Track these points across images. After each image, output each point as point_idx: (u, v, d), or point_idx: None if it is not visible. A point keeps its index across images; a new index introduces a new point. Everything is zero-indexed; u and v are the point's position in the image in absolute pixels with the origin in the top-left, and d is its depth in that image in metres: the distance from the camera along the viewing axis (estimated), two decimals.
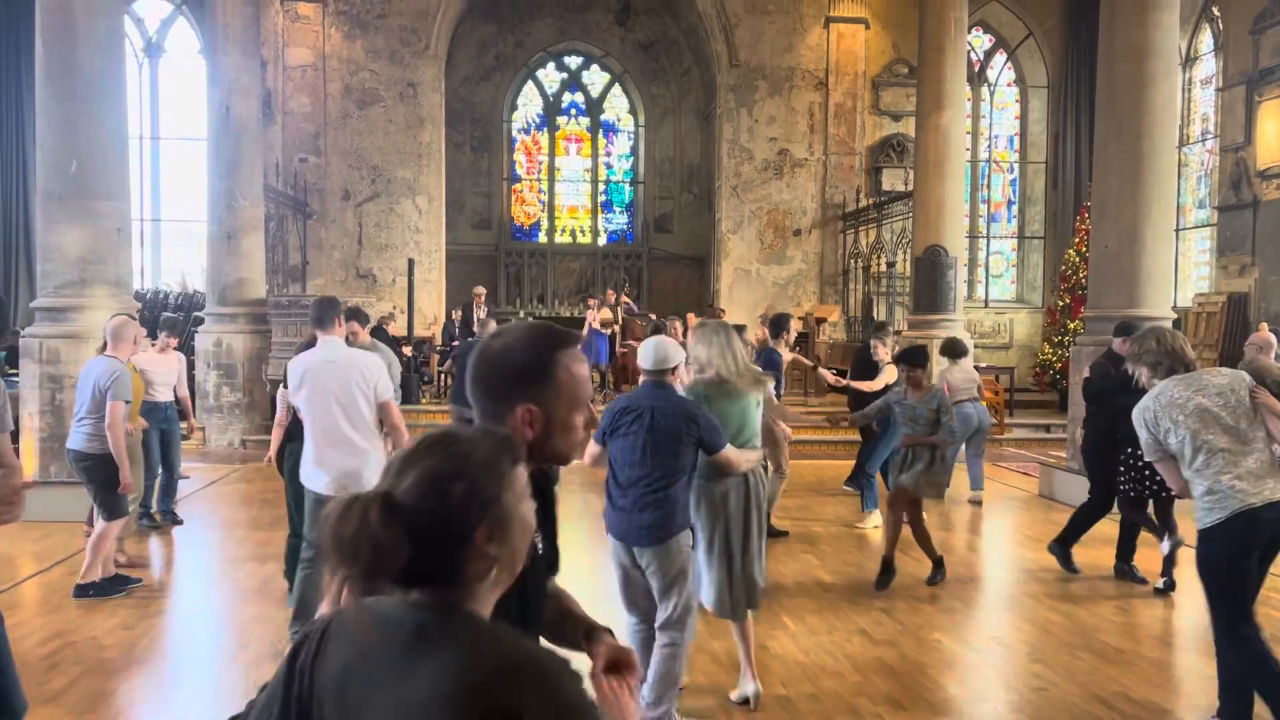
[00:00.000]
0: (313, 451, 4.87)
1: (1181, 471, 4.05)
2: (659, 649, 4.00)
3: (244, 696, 4.48)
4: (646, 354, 4.11)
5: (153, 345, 8.03)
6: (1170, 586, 6.39)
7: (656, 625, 4.03)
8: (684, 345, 4.51)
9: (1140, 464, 6.15)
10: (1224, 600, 4.00)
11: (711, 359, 4.44)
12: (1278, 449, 4.05)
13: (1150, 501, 6.47)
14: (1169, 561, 6.43)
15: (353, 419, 4.83)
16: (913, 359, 6.48)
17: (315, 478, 4.88)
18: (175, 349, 8.15)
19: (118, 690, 4.62)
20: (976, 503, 9.30)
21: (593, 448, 4.16)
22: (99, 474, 5.96)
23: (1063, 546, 6.94)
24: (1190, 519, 4.24)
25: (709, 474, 4.29)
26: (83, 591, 5.96)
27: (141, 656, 5.23)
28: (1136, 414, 4.14)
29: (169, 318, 8.55)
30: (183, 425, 8.42)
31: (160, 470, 7.94)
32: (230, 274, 12.92)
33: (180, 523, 8.11)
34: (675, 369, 4.15)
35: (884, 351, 8.35)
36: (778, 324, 8.21)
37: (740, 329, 5.48)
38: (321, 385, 4.84)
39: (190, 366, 12.63)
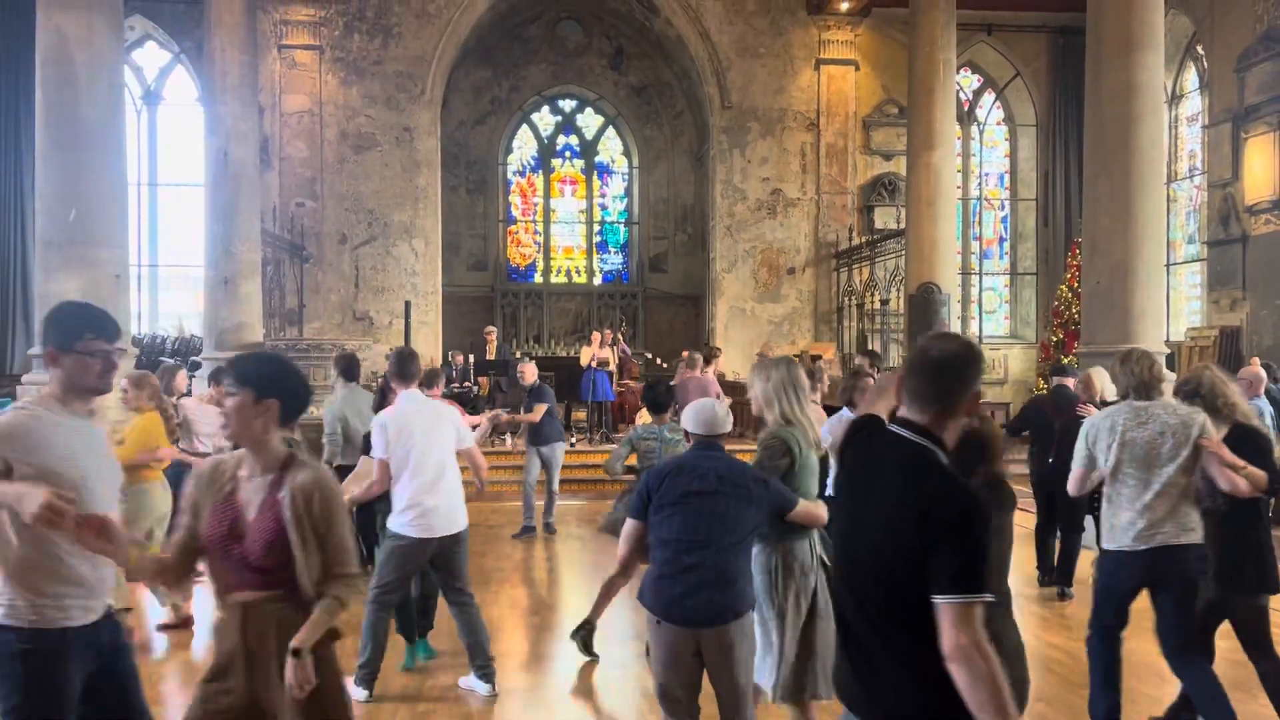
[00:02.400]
0: (411, 498, 4.89)
1: (1102, 487, 4.32)
2: None
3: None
4: (697, 418, 3.71)
5: (194, 391, 7.87)
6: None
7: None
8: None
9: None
10: (1099, 609, 4.41)
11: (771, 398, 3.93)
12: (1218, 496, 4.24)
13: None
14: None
15: (450, 464, 5.05)
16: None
17: (415, 524, 4.90)
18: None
19: None
20: None
21: (630, 527, 3.68)
22: None
23: (1065, 582, 7.19)
24: None
25: (773, 534, 3.79)
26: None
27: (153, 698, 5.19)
28: (1086, 424, 4.41)
29: (221, 367, 8.30)
30: None
31: None
32: (228, 318, 12.97)
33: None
34: (724, 435, 3.74)
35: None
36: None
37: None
38: (426, 435, 4.97)
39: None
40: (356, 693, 4.96)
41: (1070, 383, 7.53)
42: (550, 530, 9.59)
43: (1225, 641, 6.20)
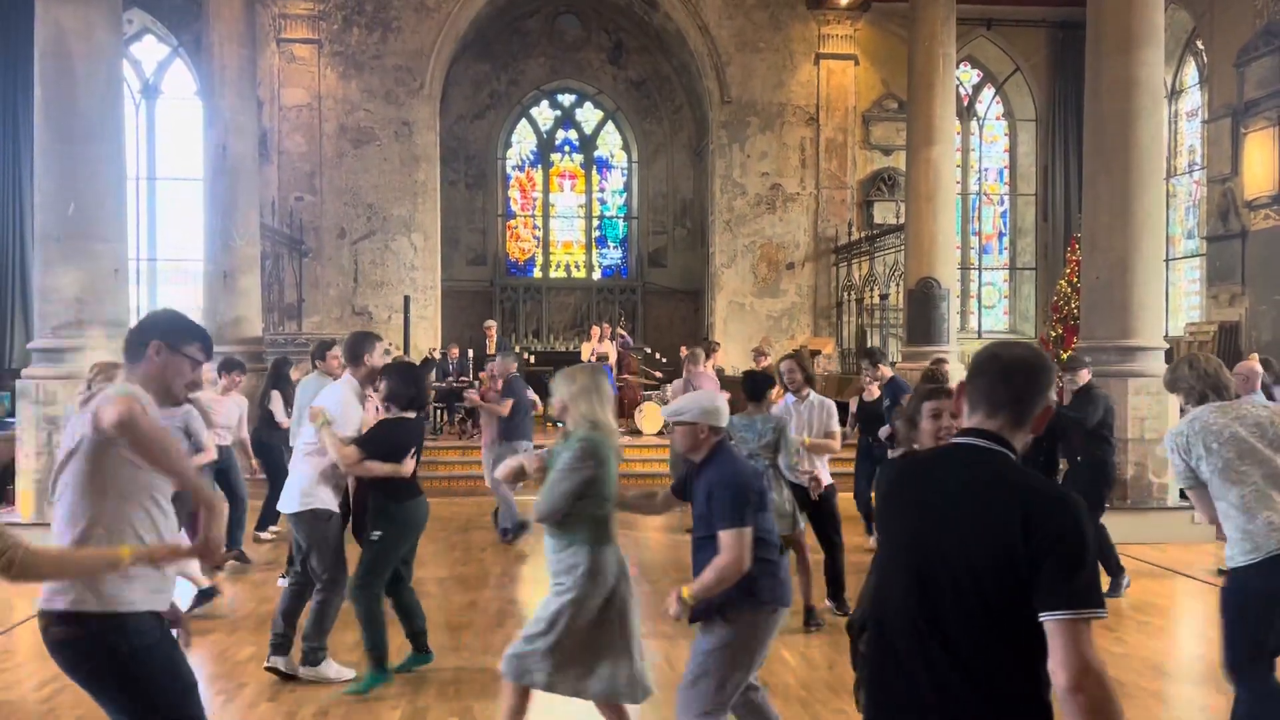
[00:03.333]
0: None
1: (1214, 503, 3.84)
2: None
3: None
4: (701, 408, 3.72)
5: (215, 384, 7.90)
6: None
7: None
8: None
9: None
10: (1235, 644, 3.77)
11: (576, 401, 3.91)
12: None
13: None
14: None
15: (300, 445, 5.45)
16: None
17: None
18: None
19: None
20: None
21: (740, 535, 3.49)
22: None
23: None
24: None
25: (590, 536, 3.78)
26: None
27: None
28: (1169, 439, 3.96)
29: (230, 357, 8.43)
30: (249, 464, 8.24)
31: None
32: (227, 312, 12.97)
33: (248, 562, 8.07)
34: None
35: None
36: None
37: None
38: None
39: None
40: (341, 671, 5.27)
41: (1085, 375, 7.36)
42: (504, 537, 9.08)
43: None
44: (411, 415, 5.19)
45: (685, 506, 3.81)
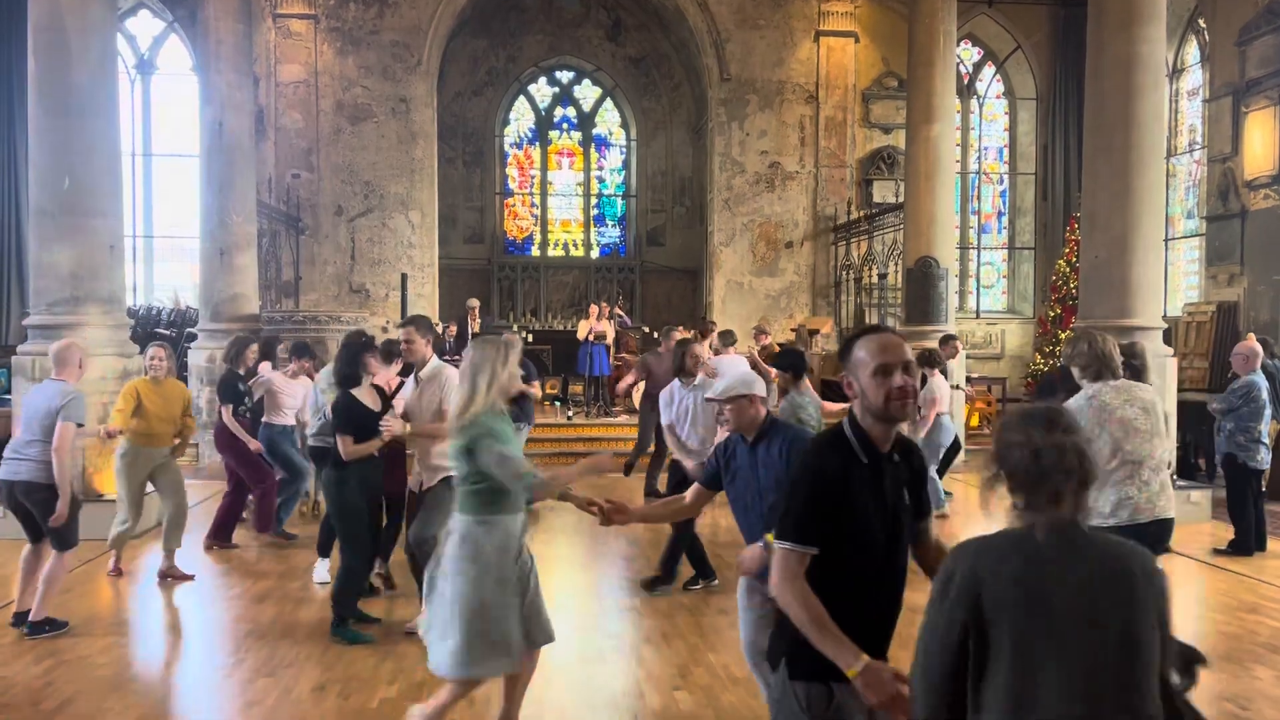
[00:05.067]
0: None
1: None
2: None
3: (239, 713, 4.46)
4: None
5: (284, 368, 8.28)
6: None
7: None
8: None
9: None
10: None
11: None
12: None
13: None
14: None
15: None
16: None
17: None
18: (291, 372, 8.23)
19: (113, 709, 4.60)
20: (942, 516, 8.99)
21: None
22: (54, 505, 5.47)
23: None
24: None
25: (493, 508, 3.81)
26: (38, 630, 5.55)
27: (135, 674, 5.22)
28: (1070, 406, 4.30)
29: (300, 343, 8.59)
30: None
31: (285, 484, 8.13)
32: (223, 290, 12.92)
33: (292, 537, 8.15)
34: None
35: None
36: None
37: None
38: None
39: (183, 383, 12.62)
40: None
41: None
42: None
43: (1220, 615, 6.26)
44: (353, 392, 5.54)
45: (716, 496, 3.82)
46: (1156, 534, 4.31)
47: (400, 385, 6.32)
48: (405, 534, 5.69)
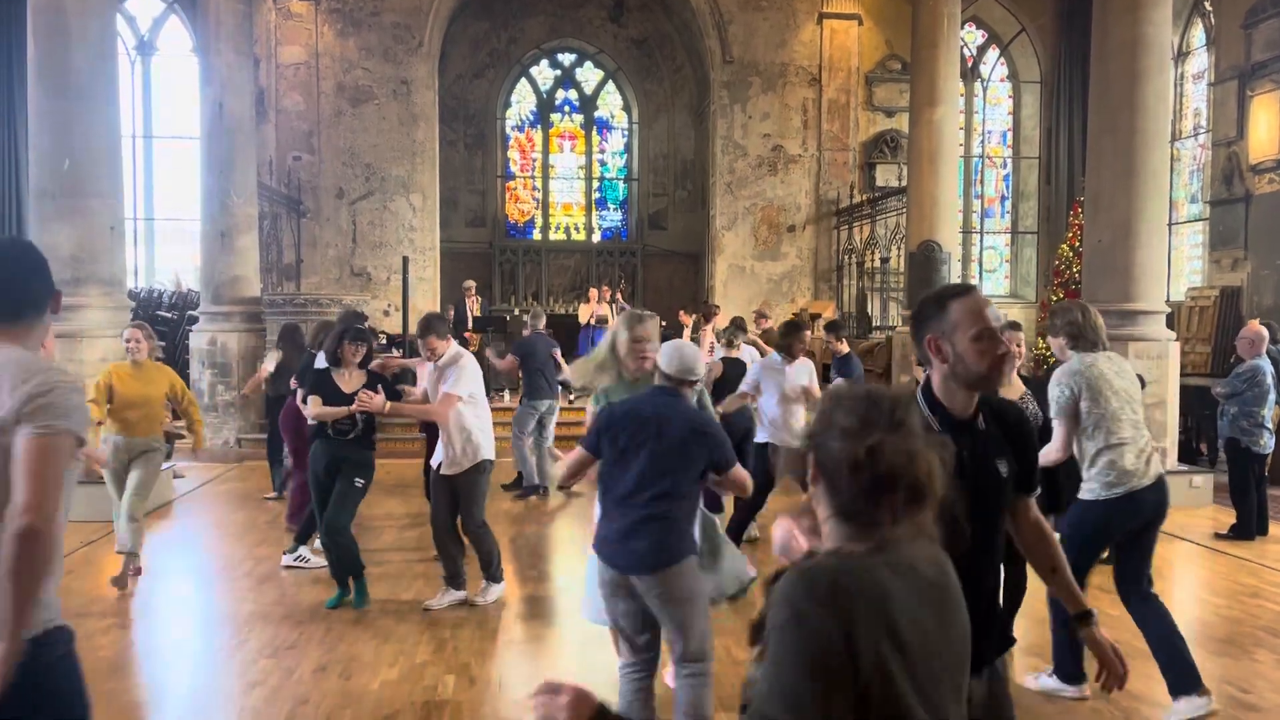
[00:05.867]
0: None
1: (1076, 440, 4.30)
2: (686, 680, 3.57)
3: (241, 694, 4.47)
4: (669, 358, 3.67)
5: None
6: None
7: (677, 659, 3.58)
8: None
9: None
10: (1080, 569, 4.06)
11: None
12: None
13: None
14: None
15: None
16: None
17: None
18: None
19: (115, 691, 4.61)
20: None
21: (576, 454, 3.69)
22: None
23: None
24: None
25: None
26: None
27: (137, 656, 5.23)
28: (1062, 374, 4.33)
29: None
30: None
31: None
32: (224, 272, 12.89)
33: None
34: (695, 383, 3.73)
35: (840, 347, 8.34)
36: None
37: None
38: None
39: (185, 366, 12.63)
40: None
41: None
42: (536, 492, 9.44)
43: (1221, 599, 6.25)
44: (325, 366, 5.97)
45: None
46: (1160, 495, 4.33)
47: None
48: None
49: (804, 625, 1.48)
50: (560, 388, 9.74)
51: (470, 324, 13.91)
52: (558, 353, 9.56)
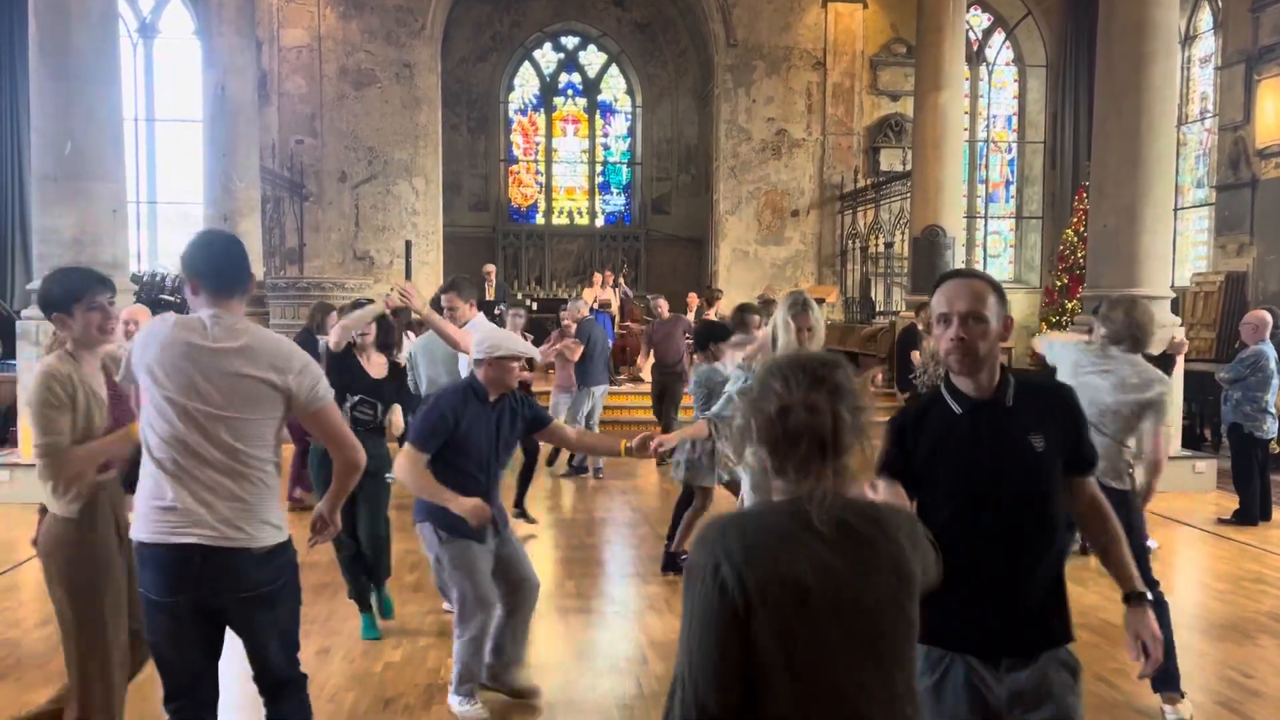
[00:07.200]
0: None
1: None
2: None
3: (245, 678, 4.48)
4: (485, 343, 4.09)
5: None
6: None
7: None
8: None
9: None
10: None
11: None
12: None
13: None
14: None
15: None
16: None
17: None
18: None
19: None
20: None
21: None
22: None
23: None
24: None
25: None
26: None
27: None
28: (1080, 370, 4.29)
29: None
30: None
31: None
32: None
33: None
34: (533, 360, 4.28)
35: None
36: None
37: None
38: None
39: None
40: None
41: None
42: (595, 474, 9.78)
43: (1224, 584, 6.26)
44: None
45: None
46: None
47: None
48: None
49: (695, 574, 1.63)
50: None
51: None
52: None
